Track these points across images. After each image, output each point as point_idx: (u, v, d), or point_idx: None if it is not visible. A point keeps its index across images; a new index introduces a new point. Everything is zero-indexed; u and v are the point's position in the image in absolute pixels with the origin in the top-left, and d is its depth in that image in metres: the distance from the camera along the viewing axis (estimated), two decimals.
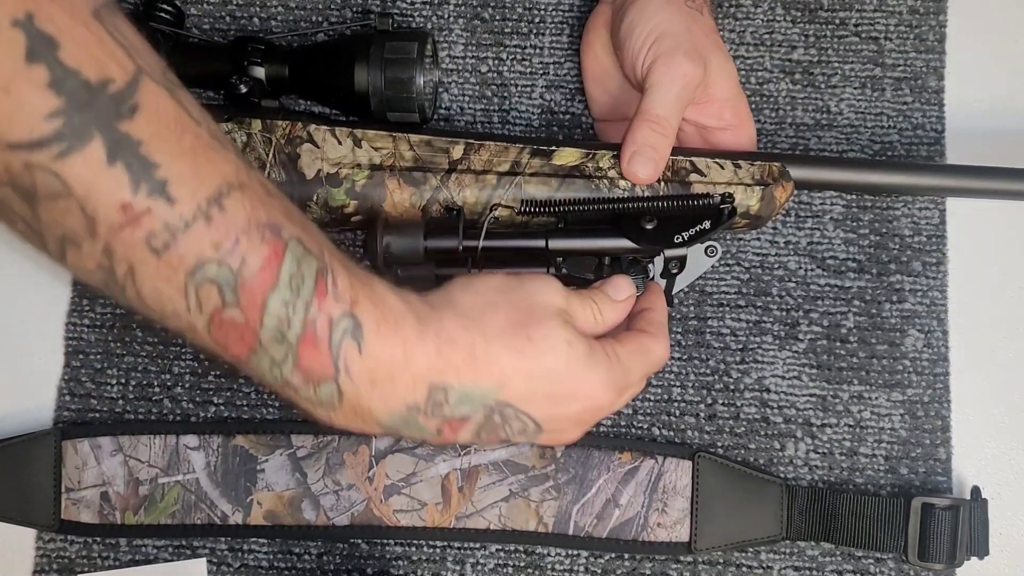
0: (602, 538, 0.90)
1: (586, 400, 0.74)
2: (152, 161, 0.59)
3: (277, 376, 0.67)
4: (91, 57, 0.58)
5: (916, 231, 0.96)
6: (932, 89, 0.99)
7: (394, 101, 0.86)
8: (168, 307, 0.64)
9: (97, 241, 0.60)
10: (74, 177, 0.58)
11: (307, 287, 0.66)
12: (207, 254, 0.62)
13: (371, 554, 0.91)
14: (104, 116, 0.58)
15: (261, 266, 0.64)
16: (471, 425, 0.72)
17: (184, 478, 0.91)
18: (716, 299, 0.95)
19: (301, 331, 0.66)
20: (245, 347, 0.66)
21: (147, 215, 0.60)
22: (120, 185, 0.59)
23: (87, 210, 0.59)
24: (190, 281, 0.62)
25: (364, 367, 0.68)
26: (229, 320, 0.64)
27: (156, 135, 0.60)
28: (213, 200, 0.62)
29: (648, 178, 0.84)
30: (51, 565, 0.92)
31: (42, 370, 0.95)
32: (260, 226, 0.64)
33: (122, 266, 0.62)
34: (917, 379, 0.94)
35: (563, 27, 0.99)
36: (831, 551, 0.91)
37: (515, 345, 0.71)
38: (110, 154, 0.58)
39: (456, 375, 0.70)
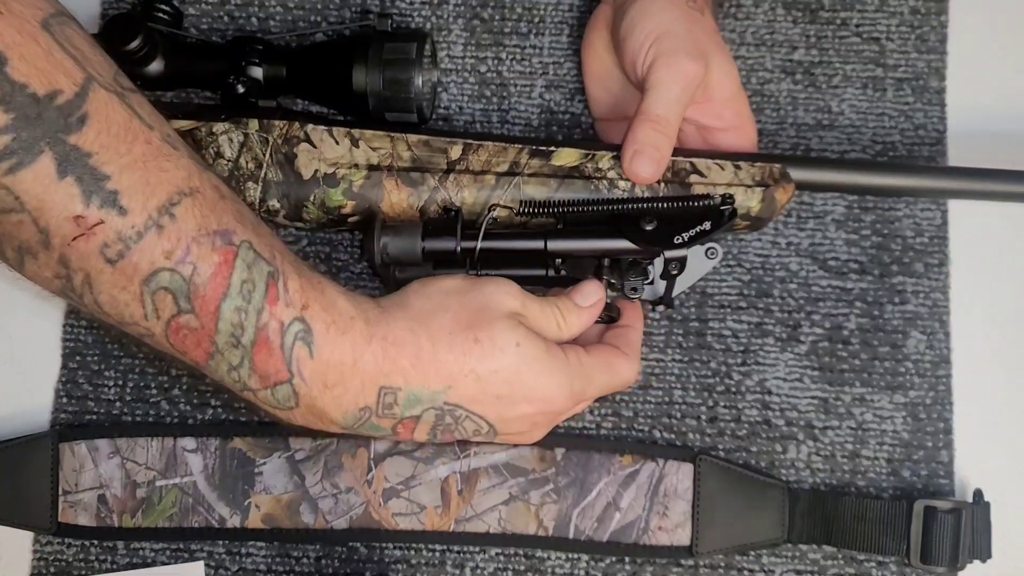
0: (603, 542, 0.90)
1: (540, 403, 0.76)
2: (103, 173, 0.62)
3: (236, 379, 0.70)
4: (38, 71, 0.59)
5: (918, 232, 0.95)
6: (934, 89, 0.98)
7: (392, 102, 0.86)
8: (126, 314, 0.66)
9: (52, 252, 0.63)
10: (25, 192, 0.60)
11: (258, 293, 0.68)
12: (160, 263, 0.64)
13: (370, 558, 0.91)
14: (53, 129, 0.60)
15: (212, 273, 0.66)
16: (424, 425, 0.75)
17: (182, 481, 0.91)
18: (717, 300, 0.94)
19: (254, 336, 0.68)
20: (203, 352, 0.68)
21: (100, 226, 0.62)
22: (71, 198, 0.61)
23: (39, 223, 0.61)
24: (145, 289, 0.65)
25: (316, 370, 0.70)
26: (186, 326, 0.67)
27: (106, 146, 0.62)
28: (164, 209, 0.64)
29: (650, 177, 0.84)
30: (48, 568, 0.91)
31: (39, 372, 0.94)
32: (211, 234, 0.66)
33: (78, 275, 0.64)
34: (919, 381, 0.93)
35: (563, 27, 0.99)
36: (833, 554, 0.90)
37: (462, 347, 0.73)
38: (60, 168, 0.60)
39: (403, 377, 0.73)
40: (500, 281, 0.78)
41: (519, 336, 0.75)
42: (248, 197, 0.84)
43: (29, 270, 0.65)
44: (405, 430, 0.75)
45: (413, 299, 0.76)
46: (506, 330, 0.74)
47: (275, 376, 0.70)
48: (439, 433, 0.76)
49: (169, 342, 0.68)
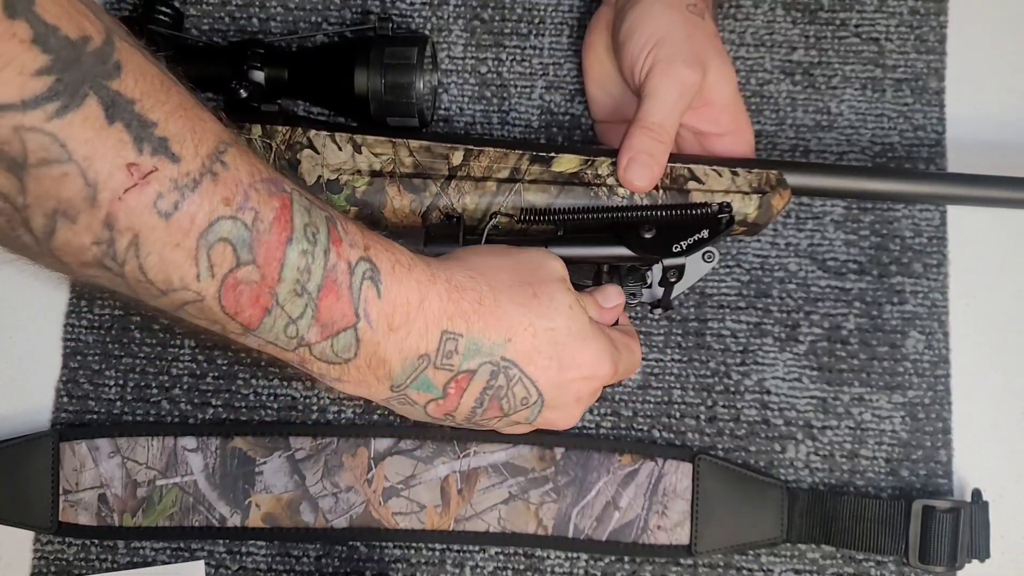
0: (602, 541, 0.90)
1: (586, 368, 0.75)
2: (149, 119, 0.57)
3: (292, 334, 0.66)
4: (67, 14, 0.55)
5: (917, 233, 0.95)
6: (933, 90, 0.98)
7: (394, 106, 0.86)
8: (175, 277, 0.61)
9: (98, 210, 0.56)
10: (73, 138, 0.54)
11: (322, 234, 0.64)
12: (220, 211, 0.60)
13: (370, 557, 0.91)
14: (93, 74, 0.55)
15: (275, 217, 0.62)
16: (477, 385, 0.72)
17: (182, 480, 0.91)
18: (716, 301, 0.95)
19: (322, 279, 0.64)
20: (260, 309, 0.64)
21: (153, 175, 0.57)
22: (123, 144, 0.56)
23: (88, 174, 0.55)
24: (202, 243, 0.60)
25: (383, 310, 0.67)
26: (245, 280, 0.62)
27: (146, 93, 0.57)
28: (215, 156, 0.60)
29: (644, 186, 0.84)
30: (49, 567, 0.91)
31: (40, 372, 0.95)
32: (264, 180, 0.63)
33: (125, 237, 0.58)
34: (918, 381, 0.93)
35: (563, 28, 0.99)
36: (832, 554, 0.91)
37: (521, 300, 0.72)
38: (108, 113, 0.55)
39: (466, 322, 0.71)
40: (543, 250, 0.78)
41: (571, 299, 0.74)
42: None
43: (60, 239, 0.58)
44: (456, 390, 0.72)
45: (467, 255, 0.75)
46: (561, 291, 0.74)
47: (340, 322, 0.66)
48: (487, 400, 0.74)
49: (221, 303, 0.62)
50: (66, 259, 0.59)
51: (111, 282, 0.61)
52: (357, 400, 0.92)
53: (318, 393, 0.93)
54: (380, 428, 0.91)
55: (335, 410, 0.93)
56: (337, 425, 0.92)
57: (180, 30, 0.91)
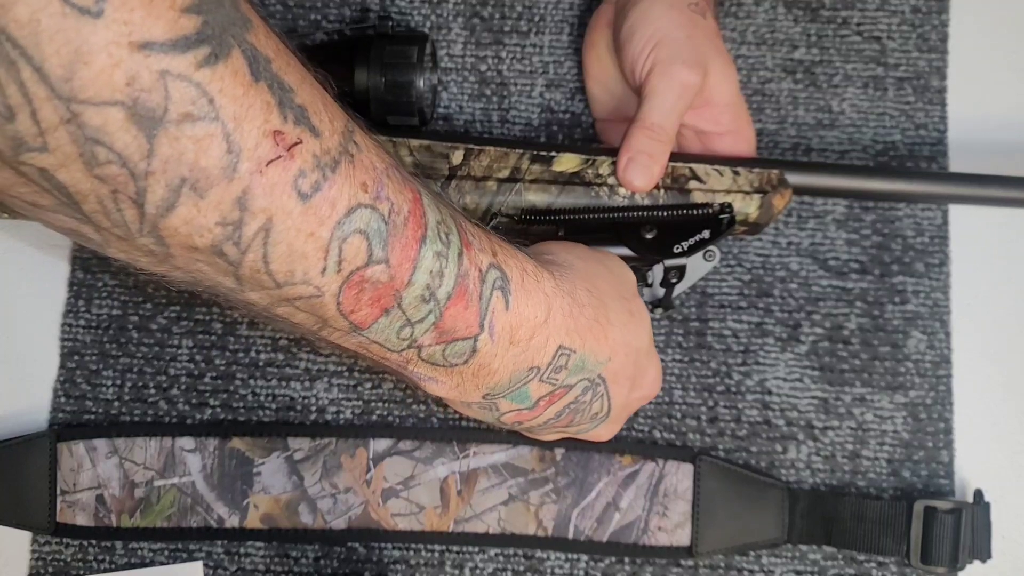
0: (602, 542, 0.90)
1: (647, 388, 0.76)
2: (287, 83, 0.50)
3: (406, 336, 0.60)
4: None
5: (919, 232, 0.95)
6: (935, 89, 0.98)
7: (394, 105, 0.86)
8: (298, 270, 0.54)
9: (234, 184, 0.49)
10: (223, 92, 0.46)
11: (455, 235, 0.59)
12: (359, 198, 0.53)
13: (368, 558, 0.91)
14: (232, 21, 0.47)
15: (410, 211, 0.56)
16: (568, 399, 0.70)
17: (180, 481, 0.90)
18: (717, 300, 0.94)
19: (453, 286, 0.59)
20: (379, 309, 0.58)
21: (298, 147, 0.50)
22: (269, 107, 0.49)
23: (233, 139, 0.47)
24: (336, 233, 0.53)
25: (507, 323, 0.63)
26: (371, 279, 0.56)
27: (278, 53, 0.50)
28: (348, 134, 0.54)
29: (644, 186, 0.83)
30: (46, 568, 0.91)
31: (37, 372, 0.94)
32: (392, 166, 0.57)
33: (256, 220, 0.50)
34: (920, 381, 0.93)
35: (563, 26, 0.98)
36: (833, 554, 0.90)
37: (624, 318, 0.70)
38: (252, 69, 0.48)
39: (581, 338, 0.67)
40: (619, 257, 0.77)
41: (648, 319, 0.74)
42: None
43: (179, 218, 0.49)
44: (548, 402, 0.69)
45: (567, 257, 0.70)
46: (643, 309, 0.73)
47: (463, 331, 0.61)
48: (566, 413, 0.71)
49: (337, 303, 0.56)
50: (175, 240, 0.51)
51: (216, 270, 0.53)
52: (356, 400, 0.92)
53: (316, 393, 0.93)
54: (379, 429, 0.91)
55: (334, 410, 0.92)
56: (336, 426, 0.92)
57: None
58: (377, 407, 0.92)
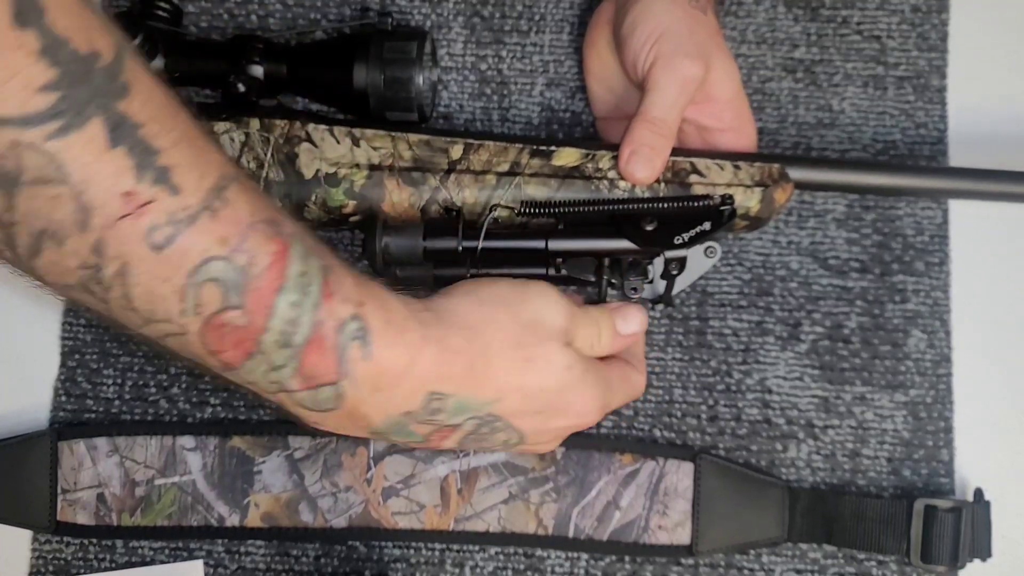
0: (602, 541, 0.90)
1: (575, 417, 0.75)
2: (153, 146, 0.55)
3: (272, 380, 0.64)
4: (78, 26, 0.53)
5: (919, 231, 0.95)
6: (935, 88, 0.98)
7: (393, 101, 0.86)
8: (159, 310, 0.59)
9: (87, 235, 0.55)
10: (72, 160, 0.52)
11: (315, 287, 0.62)
12: (213, 251, 0.58)
13: (369, 556, 0.91)
14: (101, 93, 0.53)
15: (269, 264, 0.60)
16: (460, 434, 0.72)
17: (181, 479, 0.90)
18: (718, 299, 0.94)
19: (309, 333, 0.62)
20: (242, 353, 0.62)
21: (150, 206, 0.55)
22: (123, 170, 0.54)
23: (83, 198, 0.53)
24: (190, 281, 0.58)
25: (369, 372, 0.65)
26: (230, 323, 0.60)
27: (153, 118, 0.56)
28: (217, 191, 0.58)
29: (646, 179, 0.83)
30: (47, 567, 0.91)
31: (38, 370, 0.94)
32: (264, 221, 0.60)
33: (112, 265, 0.56)
34: (920, 380, 0.93)
35: (563, 24, 0.98)
36: (833, 553, 0.90)
37: (513, 365, 0.70)
38: (112, 136, 0.53)
39: (455, 385, 0.68)
40: (545, 291, 0.75)
41: (568, 359, 0.73)
42: None
43: (45, 260, 0.56)
44: (438, 438, 0.71)
45: (460, 306, 0.72)
46: (557, 352, 0.72)
47: (323, 378, 0.64)
48: (469, 442, 0.73)
49: (203, 341, 0.61)
50: (48, 279, 0.59)
51: (93, 305, 0.60)
52: None
53: None
54: None
55: None
56: None
57: (178, 26, 0.91)
58: None
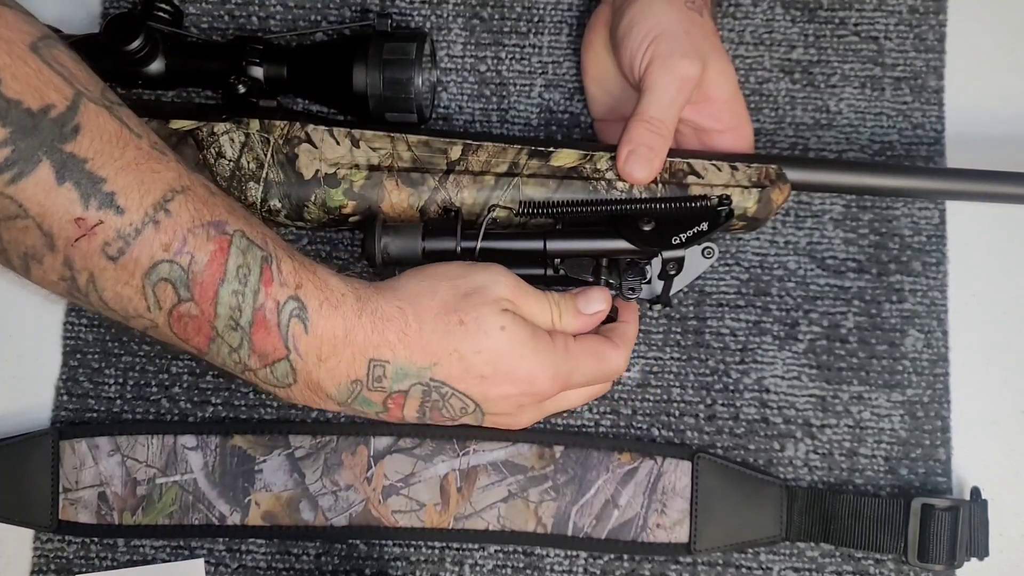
0: (601, 539, 0.90)
1: (523, 384, 0.77)
2: (98, 176, 0.65)
3: (236, 360, 0.73)
4: (31, 88, 0.63)
5: (916, 231, 0.95)
6: (932, 89, 0.98)
7: (392, 102, 0.86)
8: (130, 308, 0.70)
9: (57, 255, 0.66)
10: (28, 199, 0.64)
11: (253, 276, 0.71)
12: (159, 255, 0.68)
13: (369, 555, 0.91)
14: (48, 140, 0.64)
15: (208, 261, 0.69)
16: (413, 401, 0.76)
17: (182, 478, 0.91)
18: (715, 299, 0.95)
19: (252, 317, 0.71)
20: (204, 338, 0.71)
21: (100, 226, 0.66)
22: (71, 201, 0.65)
23: (44, 227, 0.65)
24: (146, 282, 0.68)
25: (311, 344, 0.73)
26: (186, 314, 0.70)
27: (100, 152, 0.66)
28: (159, 206, 0.68)
29: (644, 178, 0.84)
30: (49, 565, 0.91)
31: (39, 370, 0.95)
32: (204, 224, 0.70)
33: (83, 275, 0.68)
34: (917, 379, 0.93)
35: (562, 26, 0.99)
36: (831, 552, 0.91)
37: (445, 328, 0.75)
38: (58, 174, 0.64)
39: (391, 351, 0.75)
40: (494, 269, 0.78)
41: (505, 320, 0.75)
42: (250, 197, 0.85)
43: (35, 275, 0.69)
44: (395, 405, 0.77)
45: (405, 282, 0.78)
46: (492, 314, 0.75)
47: (273, 354, 0.72)
48: (428, 410, 0.77)
49: (172, 331, 0.71)
50: (45, 288, 0.71)
51: (85, 306, 0.72)
52: None
53: None
54: (379, 426, 0.91)
55: None
56: (336, 423, 0.92)
57: (179, 27, 0.91)
58: None
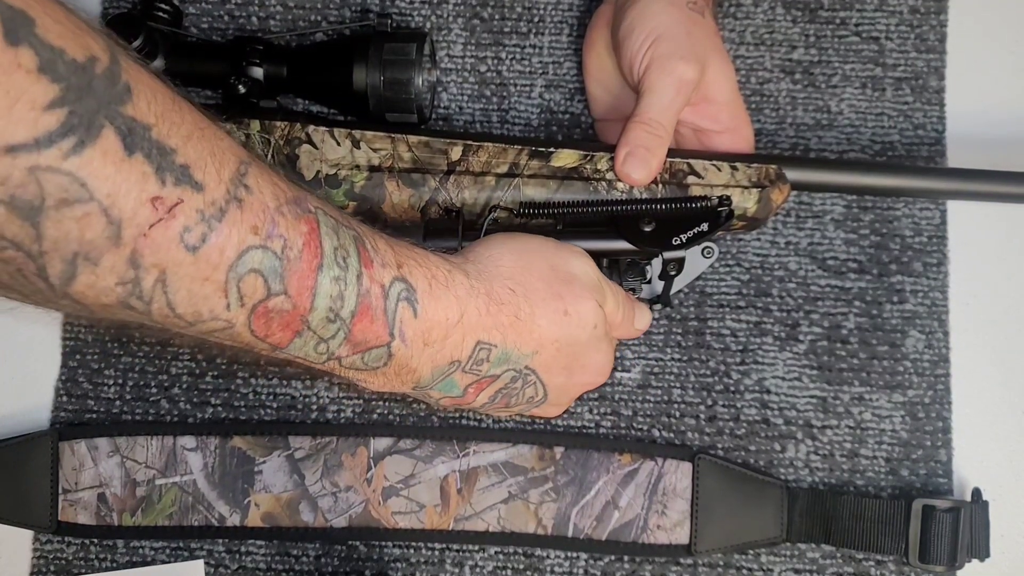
0: (602, 540, 0.90)
1: (591, 375, 0.78)
2: (168, 146, 0.54)
3: (322, 351, 0.65)
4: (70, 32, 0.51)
5: (917, 232, 0.95)
6: (933, 89, 0.98)
7: (393, 102, 0.86)
8: (204, 309, 0.59)
9: (122, 249, 0.53)
10: (93, 175, 0.51)
11: (353, 257, 0.63)
12: (248, 241, 0.57)
13: (369, 556, 0.91)
14: (106, 100, 0.51)
15: (304, 244, 0.60)
16: (496, 386, 0.74)
17: (181, 479, 0.91)
18: (716, 300, 0.95)
19: (356, 305, 0.63)
20: (290, 332, 0.62)
21: (179, 207, 0.54)
22: (145, 177, 0.53)
23: (111, 213, 0.52)
24: (231, 275, 0.57)
25: (419, 329, 0.67)
26: (275, 309, 0.60)
27: (161, 116, 0.54)
28: (238, 180, 0.57)
29: (641, 180, 0.84)
30: (48, 567, 0.91)
31: (39, 371, 0.95)
32: (289, 201, 0.60)
33: (151, 274, 0.55)
34: (918, 380, 0.93)
35: (562, 26, 0.99)
36: (832, 553, 0.91)
37: (553, 316, 0.73)
38: (126, 143, 0.52)
39: (501, 334, 0.71)
40: (582, 255, 0.77)
41: (598, 317, 0.76)
42: None
43: (81, 283, 0.55)
44: (476, 390, 0.74)
45: (502, 256, 0.74)
46: (591, 310, 0.75)
47: (373, 341, 0.65)
48: (499, 397, 0.76)
49: (250, 330, 0.61)
50: (87, 302, 0.56)
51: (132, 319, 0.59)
52: (357, 399, 0.92)
53: (317, 392, 0.93)
54: (379, 427, 0.91)
55: (334, 409, 0.93)
56: (336, 424, 0.92)
57: (179, 27, 0.91)
58: (377, 406, 0.92)
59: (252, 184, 0.58)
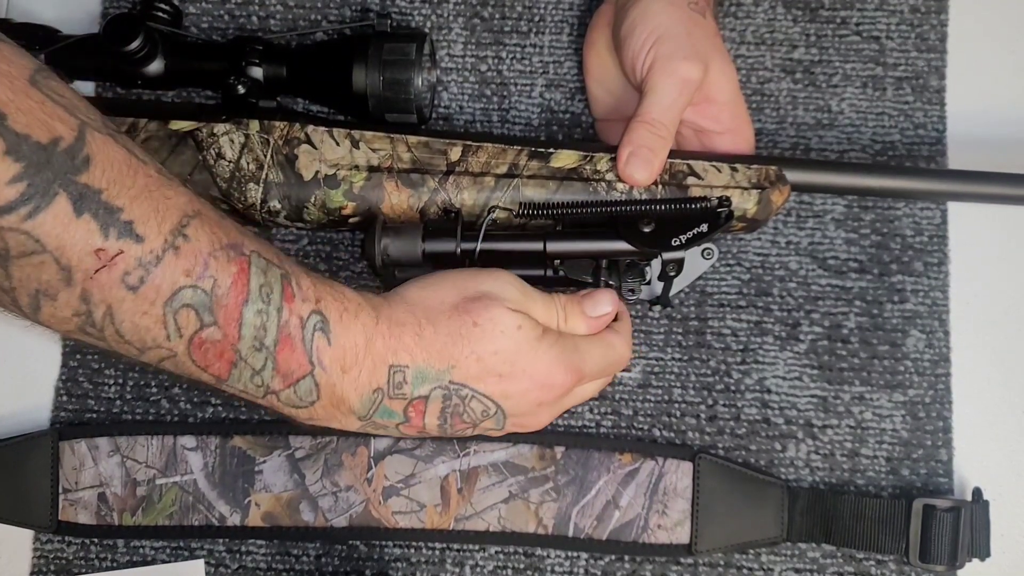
0: (602, 540, 0.90)
1: (541, 378, 0.77)
2: (115, 206, 0.64)
3: (258, 384, 0.72)
4: (37, 121, 0.62)
5: (918, 231, 0.95)
6: (934, 88, 0.98)
7: (392, 102, 0.86)
8: (148, 338, 0.68)
9: (74, 289, 0.64)
10: (46, 234, 0.62)
11: (276, 294, 0.71)
12: (181, 281, 0.67)
13: (369, 556, 0.91)
14: (62, 172, 0.62)
15: (232, 283, 0.69)
16: (434, 407, 0.77)
17: (182, 479, 0.91)
18: (717, 299, 0.94)
19: (277, 335, 0.71)
20: (226, 363, 0.70)
21: (120, 256, 0.64)
22: (90, 233, 0.63)
23: (62, 261, 0.63)
24: (168, 310, 0.67)
25: (334, 356, 0.73)
26: (208, 339, 0.69)
27: (113, 181, 0.64)
28: (177, 231, 0.67)
29: (644, 180, 0.84)
30: (48, 566, 0.91)
31: (39, 370, 0.95)
32: (224, 247, 0.69)
33: (100, 308, 0.66)
34: (919, 380, 0.93)
35: (563, 26, 0.99)
36: (832, 553, 0.91)
37: (459, 331, 0.76)
38: (76, 206, 0.62)
39: (409, 355, 0.75)
40: (499, 274, 0.79)
41: (519, 320, 0.76)
42: (249, 198, 0.85)
43: (45, 313, 0.66)
44: (416, 413, 0.76)
45: (411, 290, 0.78)
46: (505, 314, 0.76)
47: (298, 371, 0.72)
48: (449, 417, 0.77)
49: (191, 359, 0.70)
50: (53, 327, 0.68)
51: (93, 343, 0.69)
52: None
53: None
54: None
55: None
56: None
57: (179, 27, 0.91)
58: None
59: (191, 234, 0.67)
